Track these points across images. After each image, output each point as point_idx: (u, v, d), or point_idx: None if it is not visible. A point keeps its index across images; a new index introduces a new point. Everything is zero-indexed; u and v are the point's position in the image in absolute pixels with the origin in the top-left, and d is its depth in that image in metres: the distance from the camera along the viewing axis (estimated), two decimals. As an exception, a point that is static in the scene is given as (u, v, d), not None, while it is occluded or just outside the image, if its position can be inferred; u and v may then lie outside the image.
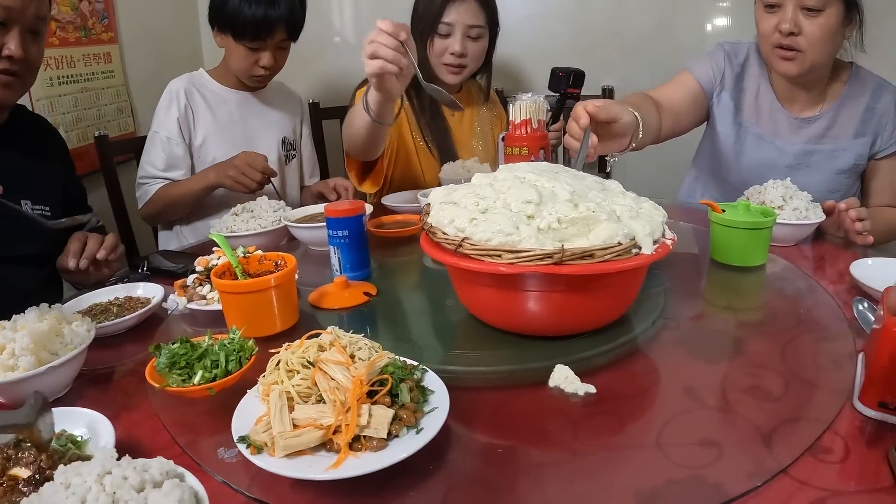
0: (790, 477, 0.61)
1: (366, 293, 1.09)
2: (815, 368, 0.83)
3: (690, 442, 0.68)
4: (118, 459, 0.55)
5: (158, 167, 1.73)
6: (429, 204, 0.96)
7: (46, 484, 0.52)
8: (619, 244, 0.80)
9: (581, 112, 1.19)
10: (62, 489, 0.50)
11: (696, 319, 1.03)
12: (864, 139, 1.50)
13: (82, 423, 0.72)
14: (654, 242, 0.84)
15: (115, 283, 1.15)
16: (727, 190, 1.62)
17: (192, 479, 0.55)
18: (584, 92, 2.48)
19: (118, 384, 0.89)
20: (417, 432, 0.65)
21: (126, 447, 0.66)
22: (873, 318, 0.86)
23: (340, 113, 2.10)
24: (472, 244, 0.82)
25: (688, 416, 0.73)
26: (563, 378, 0.79)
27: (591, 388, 0.78)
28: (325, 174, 2.21)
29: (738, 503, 0.58)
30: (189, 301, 1.06)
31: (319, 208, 1.45)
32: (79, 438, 0.70)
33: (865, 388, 0.71)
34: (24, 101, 1.39)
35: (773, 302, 1.09)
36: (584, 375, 0.79)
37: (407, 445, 0.63)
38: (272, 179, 1.63)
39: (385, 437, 0.63)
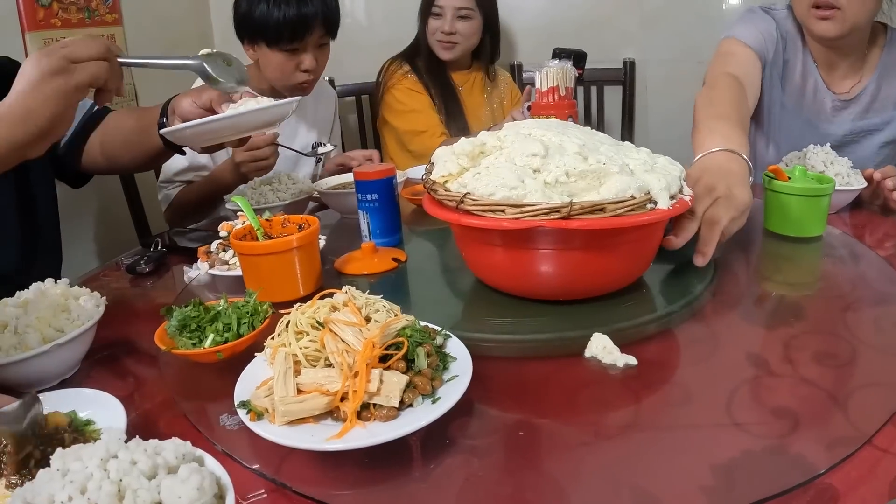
0: (873, 446, 0.56)
1: (394, 259, 1.02)
2: (880, 334, 0.76)
3: (763, 411, 0.62)
4: (127, 441, 0.47)
5: (179, 169, 1.58)
6: (432, 162, 0.89)
7: (41, 470, 0.45)
8: (633, 198, 0.73)
9: None
10: (59, 476, 0.43)
11: (749, 288, 0.94)
12: None
13: (90, 404, 0.65)
14: (672, 198, 0.77)
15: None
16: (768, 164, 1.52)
17: (212, 463, 0.48)
18: (603, 66, 2.35)
19: (130, 365, 0.82)
20: (434, 402, 0.58)
21: (139, 431, 0.59)
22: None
23: (352, 91, 2.29)
24: (473, 199, 0.75)
25: (755, 385, 0.66)
26: (601, 348, 0.71)
27: (632, 360, 0.69)
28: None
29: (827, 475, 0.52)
30: (211, 267, 1.01)
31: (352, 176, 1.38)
32: (83, 421, 0.62)
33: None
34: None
35: (831, 270, 1.01)
36: (625, 346, 0.71)
37: (421, 415, 0.56)
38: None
39: (397, 405, 0.56)
